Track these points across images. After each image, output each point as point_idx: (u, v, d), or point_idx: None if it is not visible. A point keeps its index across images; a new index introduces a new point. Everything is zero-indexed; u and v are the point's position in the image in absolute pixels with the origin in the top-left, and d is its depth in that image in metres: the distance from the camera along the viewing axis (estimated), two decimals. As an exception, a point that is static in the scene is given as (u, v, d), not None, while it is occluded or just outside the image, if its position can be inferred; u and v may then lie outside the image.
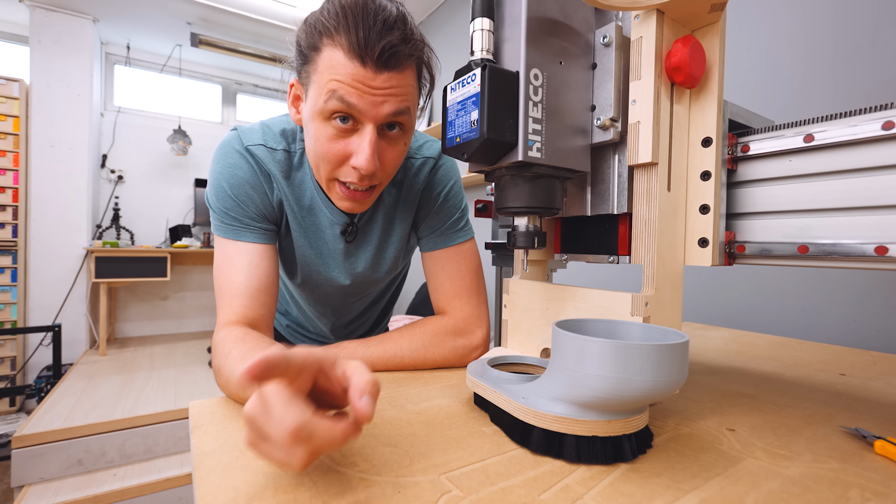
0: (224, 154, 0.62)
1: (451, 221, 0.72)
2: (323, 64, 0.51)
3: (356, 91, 0.50)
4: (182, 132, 3.49)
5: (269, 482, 0.31)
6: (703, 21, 0.44)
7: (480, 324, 0.67)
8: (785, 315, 1.19)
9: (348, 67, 0.49)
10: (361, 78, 0.49)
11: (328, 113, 0.52)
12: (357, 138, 0.53)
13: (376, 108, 0.51)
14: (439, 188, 0.71)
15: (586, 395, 0.34)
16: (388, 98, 0.51)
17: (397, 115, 0.53)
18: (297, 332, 0.93)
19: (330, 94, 0.51)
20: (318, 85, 0.52)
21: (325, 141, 0.54)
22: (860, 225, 0.38)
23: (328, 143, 0.54)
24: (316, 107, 0.53)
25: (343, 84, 0.50)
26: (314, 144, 0.56)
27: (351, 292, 0.79)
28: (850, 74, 1.08)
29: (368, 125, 0.52)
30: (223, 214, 0.61)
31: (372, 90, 0.50)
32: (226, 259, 0.60)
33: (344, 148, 0.54)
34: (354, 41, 0.48)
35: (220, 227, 0.62)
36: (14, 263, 2.75)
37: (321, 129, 0.54)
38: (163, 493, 1.71)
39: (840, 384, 0.59)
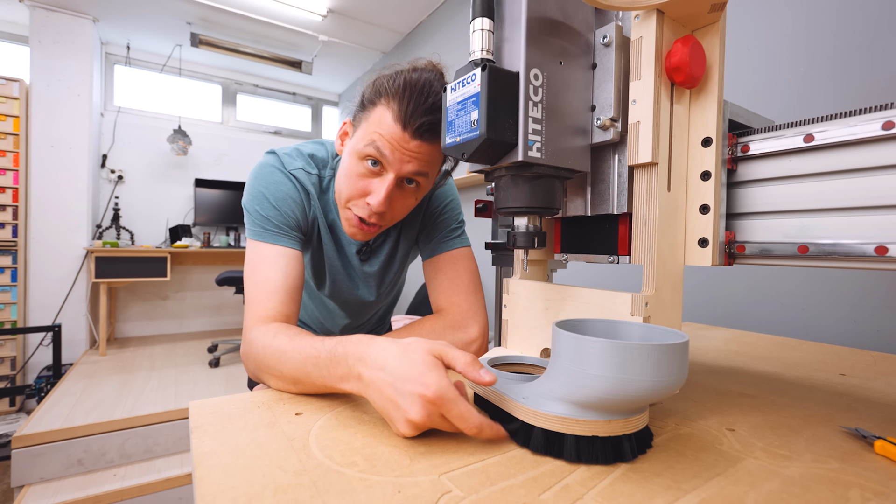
0: (269, 172, 0.70)
1: (448, 230, 0.79)
2: (374, 117, 0.62)
3: (390, 146, 0.60)
4: (182, 132, 3.49)
5: (269, 482, 0.31)
6: (703, 21, 0.44)
7: (477, 318, 0.68)
8: (785, 315, 1.19)
9: (391, 127, 0.60)
10: (399, 139, 0.60)
11: (364, 154, 0.62)
12: (379, 181, 0.63)
13: (401, 165, 0.61)
14: (436, 204, 0.80)
15: (586, 395, 0.34)
16: (413, 159, 0.61)
17: (416, 174, 0.63)
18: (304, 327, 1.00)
19: (370, 142, 0.61)
20: (364, 131, 0.63)
21: (355, 175, 0.64)
22: (860, 225, 0.38)
23: (356, 178, 0.64)
24: (357, 147, 0.63)
25: (382, 137, 0.60)
26: (345, 175, 0.65)
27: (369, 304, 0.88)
28: (850, 74, 1.08)
29: (391, 174, 0.62)
30: (264, 221, 0.67)
31: (402, 150, 0.61)
32: (262, 260, 0.65)
33: (366, 186, 0.64)
34: (403, 111, 0.59)
35: (260, 232, 0.67)
36: (14, 263, 2.75)
37: (354, 166, 0.64)
38: (163, 493, 1.71)
39: (840, 384, 0.59)
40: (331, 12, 3.00)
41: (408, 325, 0.67)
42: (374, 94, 0.63)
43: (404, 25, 3.26)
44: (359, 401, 0.48)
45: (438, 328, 0.65)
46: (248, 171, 3.17)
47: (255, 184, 0.69)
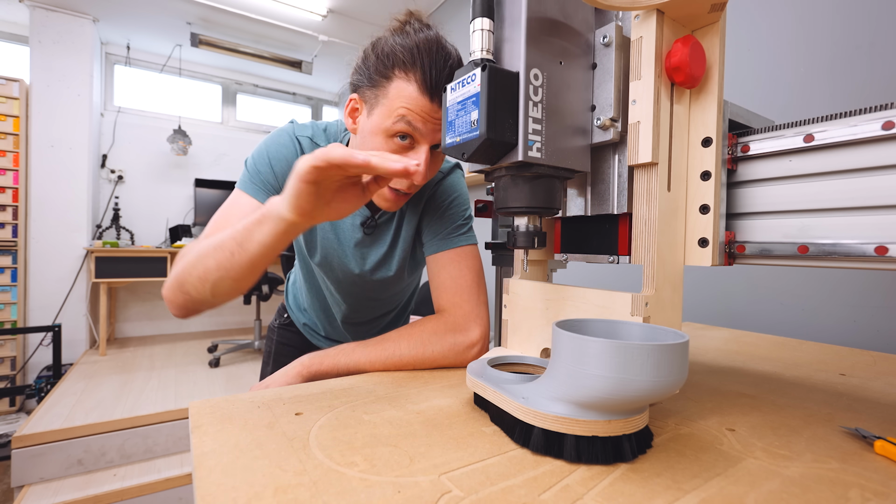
0: (278, 134, 0.73)
1: (454, 227, 0.76)
2: (394, 92, 0.60)
3: (422, 119, 0.60)
4: (182, 132, 3.49)
5: (269, 482, 0.31)
6: (703, 21, 0.44)
7: (478, 321, 0.67)
8: (785, 315, 1.19)
9: (419, 101, 0.59)
10: (429, 110, 0.60)
11: (393, 132, 0.61)
12: (413, 154, 0.62)
13: (434, 134, 0.62)
14: (443, 198, 0.77)
15: (586, 395, 0.34)
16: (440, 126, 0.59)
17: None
18: (312, 331, 1.00)
19: (399, 118, 0.60)
20: (386, 108, 0.61)
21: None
22: (860, 225, 0.38)
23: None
24: (382, 125, 0.61)
25: (413, 112, 0.59)
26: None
27: (360, 283, 0.85)
28: (850, 74, 1.08)
29: (424, 145, 0.62)
30: (255, 173, 0.69)
31: (434, 120, 0.60)
32: (234, 204, 0.67)
33: None
34: (428, 79, 0.58)
35: (245, 183, 0.69)
36: (14, 263, 2.75)
37: (383, 144, 0.62)
38: (163, 493, 1.71)
39: (840, 384, 0.59)
40: (331, 12, 3.00)
41: (408, 326, 0.67)
42: (385, 65, 0.60)
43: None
44: (359, 401, 0.48)
45: (439, 330, 0.65)
46: (248, 171, 3.04)
47: (264, 143, 0.72)
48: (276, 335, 1.05)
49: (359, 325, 0.94)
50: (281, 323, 1.05)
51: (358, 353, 0.62)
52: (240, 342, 3.12)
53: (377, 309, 0.93)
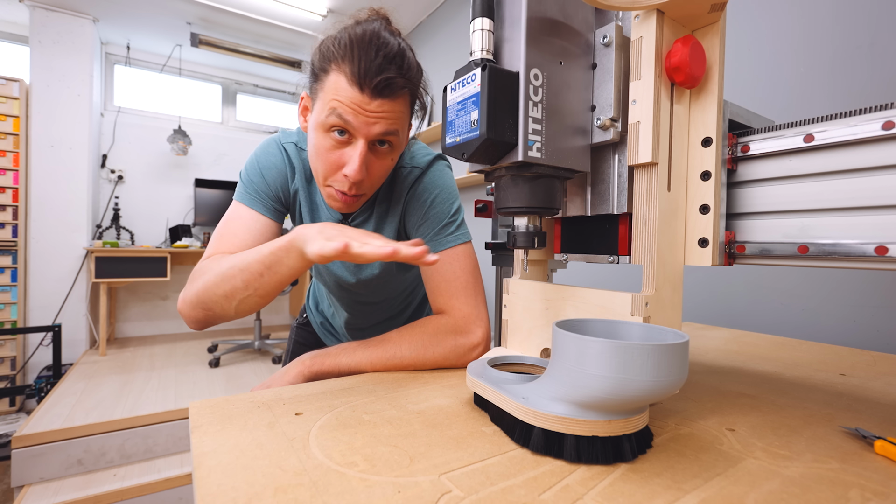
0: (266, 145, 0.76)
1: (441, 227, 0.73)
2: (329, 85, 0.60)
3: (353, 111, 0.58)
4: (182, 132, 3.49)
5: (269, 482, 0.31)
6: (703, 21, 0.44)
7: (480, 322, 0.67)
8: (785, 315, 1.19)
9: (349, 91, 0.58)
10: (359, 101, 0.58)
11: (328, 126, 0.60)
12: (350, 150, 0.61)
13: (368, 128, 0.60)
14: (425, 196, 0.74)
15: (586, 395, 0.34)
16: (379, 120, 0.60)
17: (386, 135, 0.61)
18: (328, 330, 1.02)
19: (331, 111, 0.59)
20: (322, 102, 0.61)
21: (324, 150, 0.62)
22: (860, 225, 0.38)
23: (326, 152, 0.62)
24: (319, 119, 0.61)
25: (343, 104, 0.58)
26: (314, 152, 0.64)
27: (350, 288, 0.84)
28: (851, 74, 1.08)
29: (361, 140, 0.60)
30: (249, 184, 0.72)
31: (366, 112, 0.59)
32: (236, 217, 0.70)
33: (339, 158, 0.62)
34: (356, 70, 0.57)
35: (241, 194, 0.72)
36: (14, 263, 2.75)
37: (322, 140, 0.62)
38: (163, 493, 1.71)
39: (840, 384, 0.59)
40: (331, 12, 3.00)
41: (409, 326, 0.67)
42: (323, 59, 0.60)
43: (404, 25, 3.25)
44: (359, 401, 0.48)
45: (441, 331, 0.64)
46: (248, 171, 3.04)
47: (254, 153, 0.75)
48: (294, 334, 1.08)
49: (363, 330, 0.94)
50: (299, 322, 1.09)
51: (359, 353, 0.62)
52: (240, 342, 3.12)
53: (376, 314, 0.92)
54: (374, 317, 0.92)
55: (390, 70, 0.57)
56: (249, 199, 0.71)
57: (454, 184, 0.78)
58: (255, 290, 0.56)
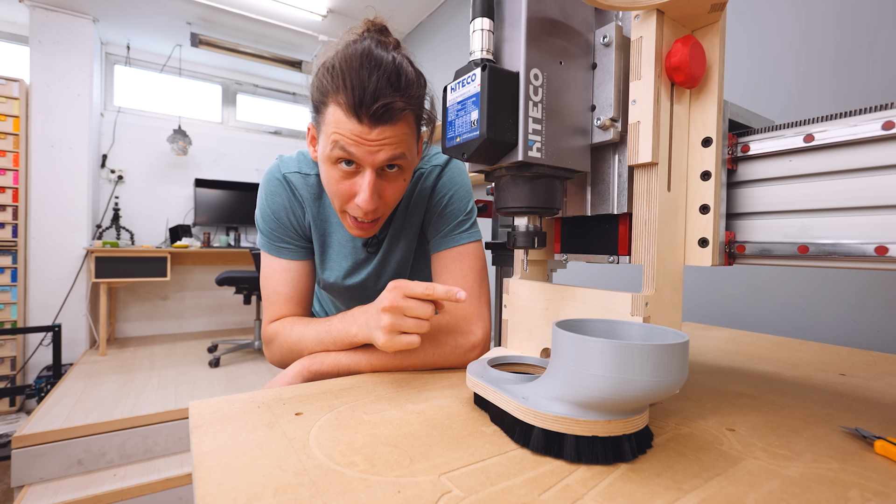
0: (268, 182, 0.75)
1: (455, 223, 0.75)
2: (329, 117, 0.59)
3: (354, 143, 0.58)
4: (182, 132, 3.49)
5: (269, 482, 0.31)
6: (703, 21, 0.44)
7: (480, 322, 0.67)
8: (785, 315, 1.19)
9: (347, 124, 0.57)
10: (359, 132, 0.57)
11: (333, 159, 0.61)
12: (360, 179, 0.62)
13: (373, 157, 0.59)
14: (442, 192, 0.76)
15: (586, 395, 0.34)
16: (382, 147, 0.59)
17: (392, 160, 0.60)
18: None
19: (334, 144, 0.59)
20: (325, 135, 0.61)
21: (334, 182, 0.63)
22: (860, 225, 0.38)
23: (336, 183, 0.63)
24: (325, 153, 0.62)
25: (343, 136, 0.58)
26: (326, 183, 0.66)
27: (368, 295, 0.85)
28: (851, 74, 1.08)
29: (367, 170, 0.60)
30: (269, 233, 0.74)
31: (368, 142, 0.58)
32: (272, 273, 0.74)
33: (350, 187, 0.63)
34: (352, 101, 0.56)
35: (266, 245, 0.75)
36: (14, 263, 2.75)
37: (330, 171, 0.63)
38: (163, 493, 1.71)
39: (840, 384, 0.59)
40: (331, 12, 3.00)
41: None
42: (320, 93, 0.60)
43: (404, 25, 3.26)
44: (359, 401, 0.48)
45: (441, 331, 0.64)
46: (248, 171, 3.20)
47: (260, 195, 0.76)
48: None
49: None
50: None
51: (358, 353, 0.62)
52: (240, 342, 3.12)
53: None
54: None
55: (387, 94, 0.55)
56: (276, 250, 0.75)
57: (469, 182, 0.80)
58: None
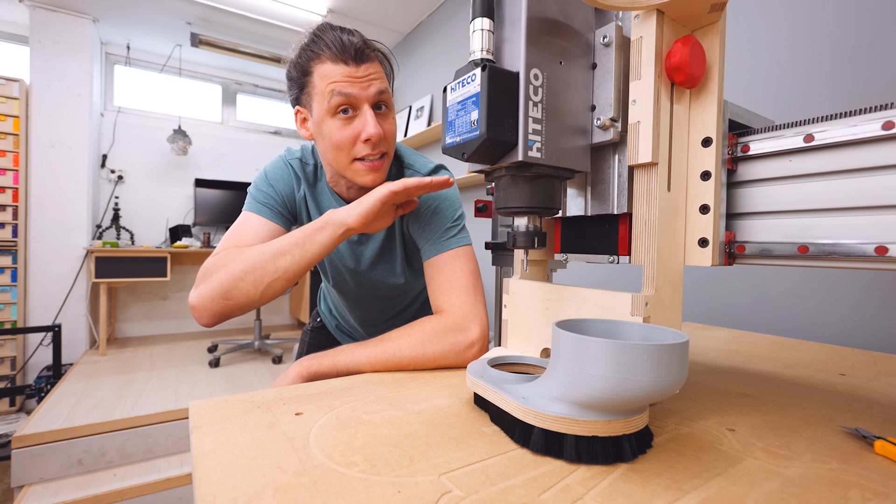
0: (274, 161, 0.83)
1: (444, 230, 0.76)
2: (318, 78, 0.67)
3: (349, 82, 0.66)
4: (182, 132, 3.49)
5: (269, 482, 0.31)
6: (703, 21, 0.44)
7: (477, 320, 0.67)
8: (785, 315, 1.19)
9: (338, 69, 0.66)
10: (350, 73, 0.66)
11: (333, 108, 0.67)
12: (359, 119, 0.68)
13: (366, 91, 0.67)
14: (428, 203, 0.78)
15: (586, 395, 0.34)
16: (371, 82, 0.68)
17: (381, 94, 0.69)
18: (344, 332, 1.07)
19: (331, 93, 0.66)
20: (319, 95, 0.68)
21: (337, 131, 0.68)
22: (860, 225, 0.38)
23: (339, 132, 0.68)
24: (322, 109, 0.68)
25: (339, 82, 0.66)
26: (329, 141, 0.69)
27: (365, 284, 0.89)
28: (851, 74, 1.08)
29: (364, 106, 0.68)
30: (258, 193, 0.77)
31: (360, 80, 0.67)
32: (245, 223, 0.75)
33: (352, 131, 0.68)
34: (336, 50, 0.66)
35: (250, 204, 0.77)
36: (14, 263, 2.75)
37: (331, 125, 0.68)
38: (163, 493, 1.71)
39: (840, 384, 0.59)
40: (331, 12, 3.00)
41: (407, 325, 0.67)
42: (301, 67, 0.69)
43: (404, 25, 3.26)
44: (359, 401, 0.48)
45: (439, 330, 0.64)
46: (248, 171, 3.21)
47: (262, 170, 0.81)
48: (308, 337, 1.11)
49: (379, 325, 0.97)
50: (313, 327, 1.12)
51: (357, 353, 0.62)
52: (240, 342, 3.12)
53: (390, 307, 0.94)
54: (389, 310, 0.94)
55: (356, 38, 0.67)
56: (258, 207, 0.76)
57: (457, 192, 0.81)
58: (285, 271, 0.62)
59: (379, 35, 3.33)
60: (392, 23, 3.21)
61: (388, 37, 3.39)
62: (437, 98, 2.97)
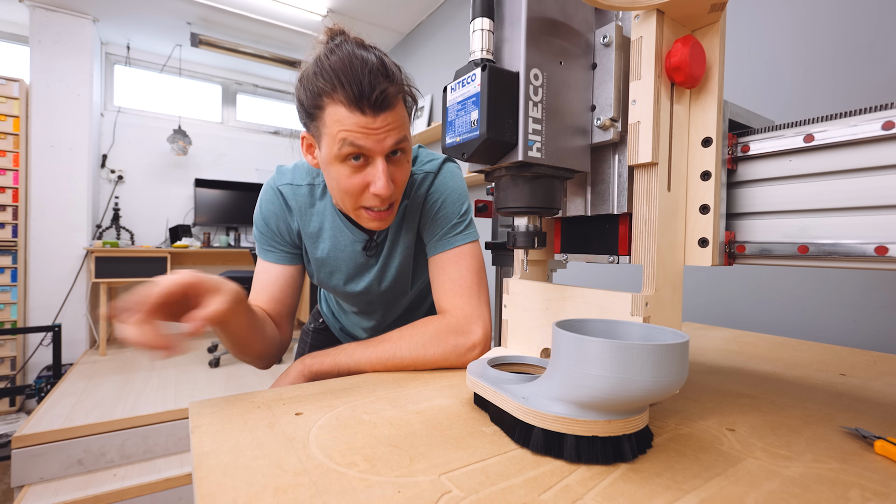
0: (265, 191, 0.79)
1: (450, 226, 0.75)
2: (329, 119, 0.61)
3: (363, 135, 0.60)
4: (182, 132, 3.49)
5: (269, 482, 0.31)
6: (703, 21, 0.44)
7: (480, 322, 0.67)
8: (785, 315, 1.19)
9: (351, 118, 0.59)
10: (364, 124, 0.59)
11: (343, 157, 0.62)
12: (371, 170, 0.63)
13: (381, 144, 0.61)
14: (435, 197, 0.76)
15: (586, 395, 0.34)
16: (388, 133, 0.61)
17: (397, 144, 0.63)
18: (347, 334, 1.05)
19: (342, 142, 0.60)
20: (329, 136, 0.62)
21: (346, 179, 0.64)
22: (860, 225, 0.38)
23: (348, 180, 0.64)
24: (331, 153, 0.62)
25: (351, 132, 0.59)
26: (336, 184, 0.65)
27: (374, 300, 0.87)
28: (851, 74, 1.08)
29: (378, 158, 0.62)
30: (259, 236, 0.78)
31: (375, 131, 0.60)
32: (262, 271, 0.78)
33: (362, 180, 0.63)
34: (352, 96, 0.58)
35: (258, 249, 0.79)
36: (14, 263, 2.75)
37: (340, 171, 0.63)
38: (163, 493, 1.71)
39: (840, 384, 0.59)
40: (331, 12, 3.00)
41: (409, 326, 0.67)
42: (313, 96, 0.62)
43: (404, 25, 3.26)
44: (359, 401, 0.48)
45: (441, 331, 0.64)
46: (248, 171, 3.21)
47: (257, 204, 0.80)
48: (310, 338, 1.09)
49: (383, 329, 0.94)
50: (316, 327, 1.10)
51: (358, 353, 0.62)
52: (240, 342, 3.12)
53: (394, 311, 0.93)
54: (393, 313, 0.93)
55: (380, 82, 0.58)
56: (264, 253, 0.78)
57: (464, 185, 0.80)
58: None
59: (379, 35, 3.33)
60: (392, 23, 3.21)
61: (388, 37, 3.39)
62: (437, 98, 2.97)
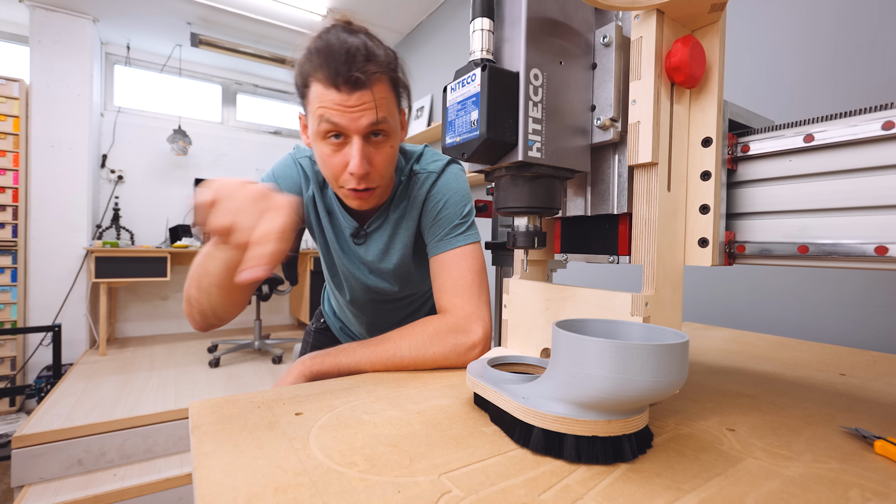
0: (282, 160, 0.82)
1: (452, 227, 0.76)
2: (312, 97, 0.64)
3: (337, 112, 0.62)
4: (182, 132, 3.49)
5: (269, 482, 0.31)
6: (703, 21, 0.44)
7: (480, 321, 0.67)
8: (785, 315, 1.19)
9: (328, 95, 0.62)
10: (339, 101, 0.61)
11: (322, 133, 0.64)
12: (348, 149, 0.65)
13: (356, 123, 0.63)
14: (437, 198, 0.77)
15: (586, 395, 0.34)
16: (364, 113, 0.62)
17: (376, 124, 0.64)
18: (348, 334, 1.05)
19: (320, 119, 0.63)
20: (312, 114, 0.65)
21: (326, 157, 0.66)
22: (860, 225, 0.38)
23: (328, 158, 0.66)
24: (313, 130, 0.66)
25: (327, 109, 0.62)
26: (320, 162, 0.69)
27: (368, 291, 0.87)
28: (851, 74, 1.08)
29: (354, 137, 0.64)
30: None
31: (350, 109, 0.62)
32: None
33: (341, 159, 0.66)
34: (328, 74, 0.61)
35: None
36: (14, 263, 2.75)
37: (322, 148, 0.66)
38: (163, 493, 1.71)
39: (840, 384, 0.59)
40: (331, 12, 3.00)
41: (409, 325, 0.67)
42: (302, 78, 0.65)
43: (404, 25, 3.26)
44: (359, 401, 0.48)
45: (441, 330, 0.64)
46: (248, 171, 3.22)
47: (271, 168, 0.80)
48: (311, 338, 1.09)
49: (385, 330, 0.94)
50: (317, 328, 1.10)
51: (359, 353, 0.62)
52: (240, 342, 3.12)
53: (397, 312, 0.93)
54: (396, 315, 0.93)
55: (357, 61, 0.60)
56: None
57: (467, 186, 0.80)
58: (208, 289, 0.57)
59: (379, 35, 3.32)
60: (392, 23, 3.21)
61: (388, 37, 3.39)
62: (437, 98, 2.97)
